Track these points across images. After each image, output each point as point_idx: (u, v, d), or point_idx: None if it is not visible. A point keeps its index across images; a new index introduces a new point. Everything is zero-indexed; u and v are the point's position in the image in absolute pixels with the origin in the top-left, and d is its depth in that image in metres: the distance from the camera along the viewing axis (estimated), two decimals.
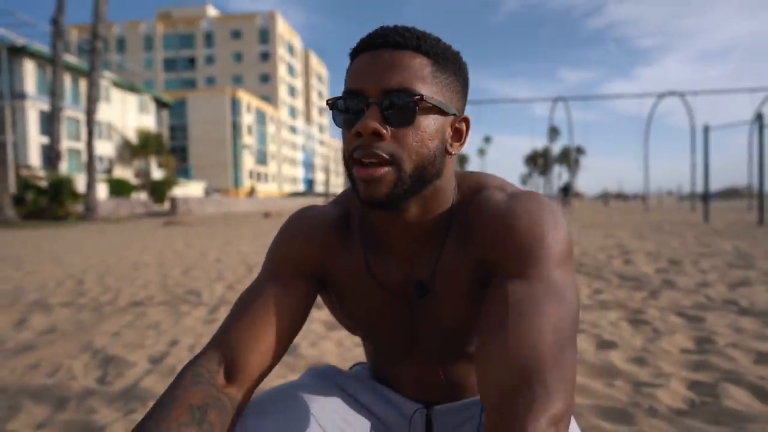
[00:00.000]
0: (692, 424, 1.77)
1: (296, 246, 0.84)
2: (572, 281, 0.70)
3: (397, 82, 0.68)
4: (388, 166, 0.69)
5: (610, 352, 2.58)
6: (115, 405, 2.04)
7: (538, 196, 0.75)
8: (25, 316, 3.64)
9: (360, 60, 0.72)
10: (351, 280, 0.84)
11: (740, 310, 3.41)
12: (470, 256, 0.77)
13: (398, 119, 0.69)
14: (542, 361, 0.61)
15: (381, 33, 0.72)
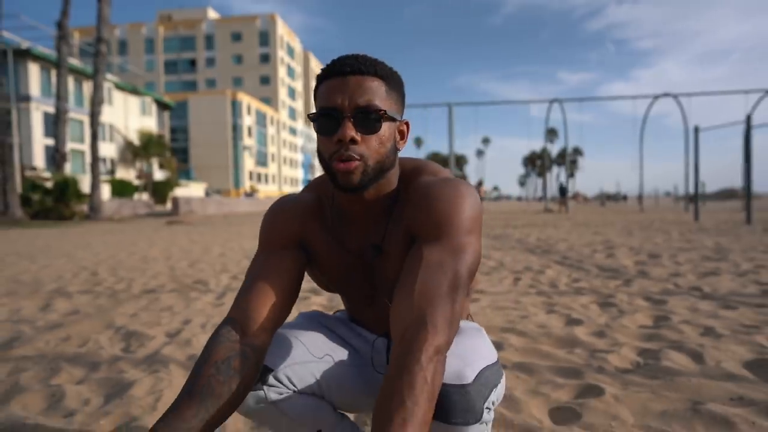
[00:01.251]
0: (632, 378, 2.09)
1: (280, 224, 1.13)
2: (474, 246, 0.99)
3: (364, 100, 0.96)
4: (358, 161, 0.98)
5: (576, 327, 2.91)
6: (140, 367, 2.36)
7: (457, 182, 1.04)
8: (49, 301, 3.97)
9: (331, 83, 0.97)
10: (325, 248, 1.14)
11: (702, 295, 3.73)
12: (405, 226, 1.07)
13: (366, 128, 0.98)
14: (434, 307, 0.89)
15: (347, 62, 0.99)
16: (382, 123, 0.98)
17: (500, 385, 1.03)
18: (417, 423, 0.77)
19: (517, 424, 1.70)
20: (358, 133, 0.96)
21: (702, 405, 1.79)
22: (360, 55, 1.01)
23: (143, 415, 1.81)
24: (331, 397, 1.18)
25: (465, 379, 0.93)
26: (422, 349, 0.83)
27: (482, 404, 0.94)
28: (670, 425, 1.68)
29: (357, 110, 0.96)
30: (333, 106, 0.96)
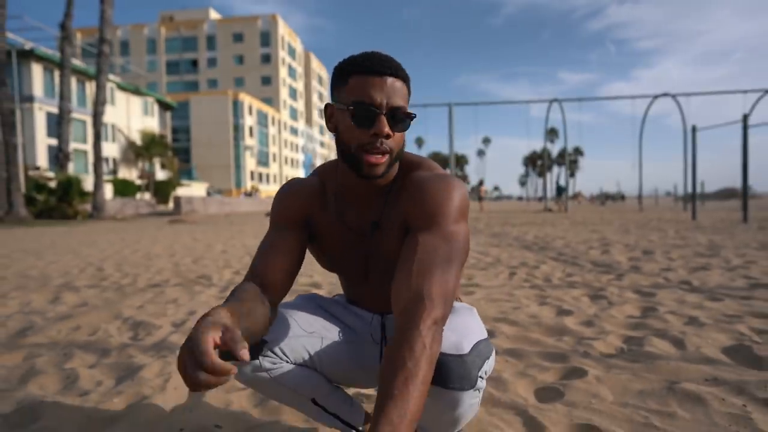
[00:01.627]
0: (614, 362, 2.21)
1: (288, 205, 1.26)
2: (463, 233, 1.12)
3: (398, 102, 1.09)
4: (386, 155, 1.11)
5: (566, 317, 3.03)
6: (148, 353, 2.49)
7: (448, 177, 1.18)
8: (57, 295, 4.09)
9: (370, 80, 1.08)
10: (327, 227, 1.27)
11: (690, 288, 3.84)
12: (400, 212, 1.19)
13: (397, 127, 1.11)
14: (431, 284, 1.02)
15: (384, 63, 1.09)
16: (408, 123, 1.13)
17: (491, 358, 1.14)
18: (418, 382, 0.89)
19: (503, 401, 1.82)
20: (391, 130, 1.09)
21: (677, 384, 1.90)
22: (386, 56, 1.13)
23: (154, 395, 1.93)
24: (324, 369, 1.30)
25: (462, 350, 1.04)
26: (421, 320, 0.96)
27: (477, 372, 1.06)
28: (646, 402, 1.80)
29: (392, 110, 1.08)
30: (372, 103, 1.07)
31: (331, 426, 1.39)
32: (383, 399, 0.88)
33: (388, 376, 0.90)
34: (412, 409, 0.87)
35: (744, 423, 1.61)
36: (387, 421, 0.84)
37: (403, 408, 0.86)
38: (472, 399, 1.08)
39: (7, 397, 1.94)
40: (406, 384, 0.88)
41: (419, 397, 0.89)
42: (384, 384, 0.90)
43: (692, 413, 1.70)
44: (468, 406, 1.08)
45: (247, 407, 1.83)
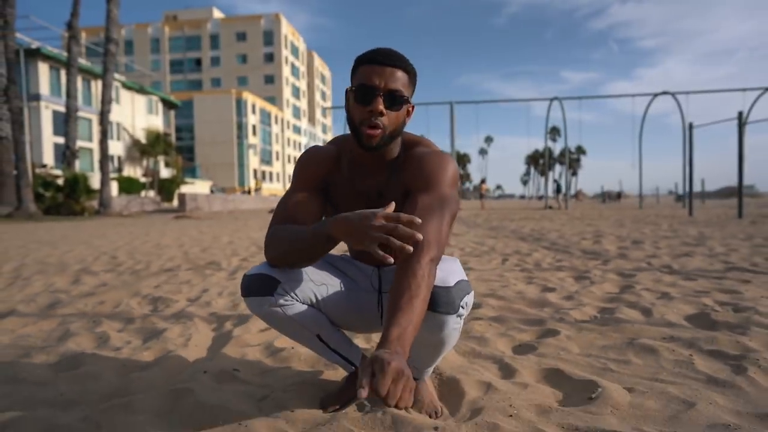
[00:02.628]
0: (586, 326, 2.48)
1: (309, 169, 1.54)
2: (454, 196, 1.40)
3: (395, 86, 1.34)
4: (380, 130, 1.39)
5: (549, 293, 3.29)
6: (169, 321, 2.76)
7: (444, 153, 1.46)
8: (77, 278, 4.37)
9: (372, 68, 1.33)
10: (340, 190, 1.55)
11: (670, 271, 4.10)
12: (401, 182, 1.48)
13: (391, 106, 1.37)
14: (428, 232, 1.30)
15: (386, 54, 1.37)
16: (403, 105, 1.38)
17: (470, 294, 1.42)
18: (419, 300, 1.18)
19: (484, 354, 2.09)
20: (385, 108, 1.35)
21: (636, 340, 2.17)
22: (393, 50, 1.40)
23: (177, 350, 2.20)
24: (329, 311, 1.57)
25: (448, 283, 1.33)
26: (421, 257, 1.24)
27: (459, 302, 1.34)
28: (607, 354, 2.07)
29: (388, 92, 1.35)
30: (371, 85, 1.33)
31: (333, 361, 1.65)
32: (393, 310, 1.15)
33: (396, 296, 1.18)
34: (414, 318, 1.15)
35: (686, 366, 1.87)
36: (396, 324, 1.12)
37: (408, 316, 1.14)
38: (455, 324, 1.35)
39: (51, 351, 2.22)
40: (410, 300, 1.16)
41: (420, 311, 1.17)
42: (393, 301, 1.18)
43: (644, 360, 1.97)
44: (451, 329, 1.36)
45: (260, 357, 2.11)
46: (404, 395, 1.01)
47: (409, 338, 1.12)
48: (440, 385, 1.74)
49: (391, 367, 0.99)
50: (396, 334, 1.10)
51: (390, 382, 0.98)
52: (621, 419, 1.46)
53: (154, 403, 1.62)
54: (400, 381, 1.00)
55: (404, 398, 1.01)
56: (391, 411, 1.50)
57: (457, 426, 1.40)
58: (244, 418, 1.47)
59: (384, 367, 0.99)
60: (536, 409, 1.53)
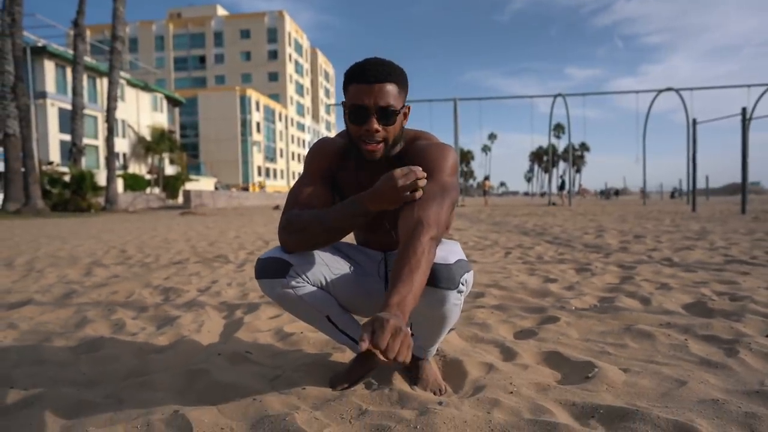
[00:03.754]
0: (585, 313, 2.56)
1: (317, 160, 1.63)
2: (454, 183, 1.49)
3: (385, 102, 1.42)
4: (380, 144, 1.47)
5: (551, 284, 3.37)
6: (180, 309, 2.85)
7: (444, 144, 1.55)
8: (89, 270, 4.47)
9: (360, 87, 1.40)
10: (347, 181, 1.63)
11: (670, 263, 4.17)
12: None
13: (386, 122, 1.45)
14: (429, 214, 1.38)
15: (372, 71, 1.43)
16: (397, 117, 1.46)
17: (470, 272, 1.50)
18: (419, 272, 1.25)
19: (486, 339, 2.17)
20: (380, 125, 1.43)
21: (634, 326, 2.25)
22: (380, 62, 1.46)
23: (191, 335, 2.29)
24: (338, 294, 1.65)
25: (448, 261, 1.41)
26: (422, 235, 1.32)
27: (459, 278, 1.42)
28: (605, 338, 2.15)
29: (379, 109, 1.42)
30: (362, 105, 1.41)
31: (341, 342, 1.73)
32: (394, 281, 1.23)
33: (397, 268, 1.26)
34: (414, 289, 1.23)
35: (681, 349, 1.95)
36: (396, 292, 1.20)
37: (408, 286, 1.22)
38: (456, 300, 1.44)
39: (70, 336, 2.31)
40: (410, 272, 1.24)
41: (419, 283, 1.25)
42: (394, 273, 1.26)
43: (641, 344, 2.04)
44: (452, 305, 1.44)
45: (271, 341, 2.19)
46: (402, 350, 1.08)
47: (409, 306, 1.20)
48: (444, 366, 1.82)
49: (390, 324, 1.07)
50: (396, 301, 1.18)
51: (388, 337, 1.06)
52: (616, 396, 1.53)
53: (172, 381, 1.71)
54: (398, 336, 1.08)
55: (402, 352, 1.08)
56: (398, 387, 1.58)
57: (460, 401, 1.48)
58: (258, 394, 1.56)
59: (383, 324, 1.07)
60: (536, 387, 1.61)
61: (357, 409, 1.45)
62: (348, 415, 1.42)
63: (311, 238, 1.49)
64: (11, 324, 2.54)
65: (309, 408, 1.47)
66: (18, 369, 1.86)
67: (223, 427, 1.37)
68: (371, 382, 1.65)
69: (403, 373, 1.70)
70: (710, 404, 1.43)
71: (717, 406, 1.41)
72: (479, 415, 1.38)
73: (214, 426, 1.37)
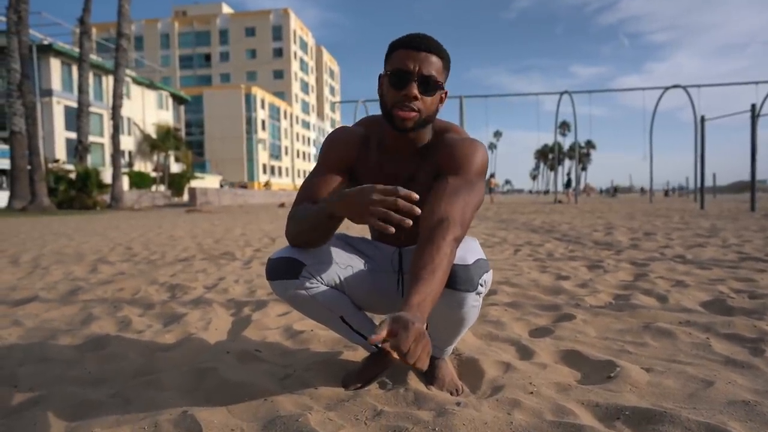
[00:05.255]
0: (602, 311, 2.49)
1: (334, 149, 1.56)
2: (480, 185, 1.43)
3: (429, 71, 1.35)
4: (415, 113, 1.40)
5: (563, 281, 3.30)
6: (187, 306, 2.81)
7: (476, 141, 1.48)
8: (95, 267, 4.44)
9: (407, 53, 1.33)
10: (367, 172, 1.56)
11: (683, 261, 4.09)
12: (433, 166, 1.49)
13: (426, 92, 1.38)
14: (454, 212, 1.33)
15: (422, 40, 1.38)
16: (437, 90, 1.39)
17: (489, 272, 1.44)
18: (440, 272, 1.20)
19: (501, 337, 2.11)
20: (420, 93, 1.36)
21: (653, 324, 2.19)
22: (430, 36, 1.41)
23: (198, 332, 2.24)
24: (351, 293, 1.59)
25: (467, 261, 1.35)
26: (446, 234, 1.27)
27: (478, 279, 1.36)
28: (624, 337, 2.09)
29: (422, 77, 1.35)
30: (406, 69, 1.34)
31: (354, 342, 1.68)
32: (415, 280, 1.18)
33: (418, 267, 1.20)
34: (434, 289, 1.17)
35: (703, 348, 1.89)
36: (417, 292, 1.14)
37: (429, 287, 1.16)
38: (474, 301, 1.38)
39: (76, 334, 2.27)
40: (432, 272, 1.18)
41: (439, 284, 1.19)
42: (414, 272, 1.20)
43: (661, 343, 1.98)
44: (470, 307, 1.38)
45: (280, 340, 2.14)
46: (422, 356, 1.03)
47: (428, 307, 1.14)
48: (459, 365, 1.77)
49: (414, 328, 1.01)
50: (417, 301, 1.12)
51: (411, 341, 1.01)
52: (640, 396, 1.47)
53: (180, 380, 1.66)
54: (420, 342, 1.02)
55: (422, 359, 1.03)
56: (414, 387, 1.53)
57: (478, 402, 1.43)
58: (269, 394, 1.51)
59: (407, 326, 1.01)
60: (556, 387, 1.55)
61: (372, 409, 1.40)
62: (363, 416, 1.37)
63: (304, 236, 1.44)
64: (16, 321, 2.50)
65: (322, 408, 1.42)
66: (23, 367, 1.82)
67: (233, 428, 1.32)
68: (385, 382, 1.60)
69: (419, 373, 1.64)
70: (741, 406, 1.37)
71: (748, 408, 1.35)
72: (499, 416, 1.33)
73: (224, 427, 1.32)
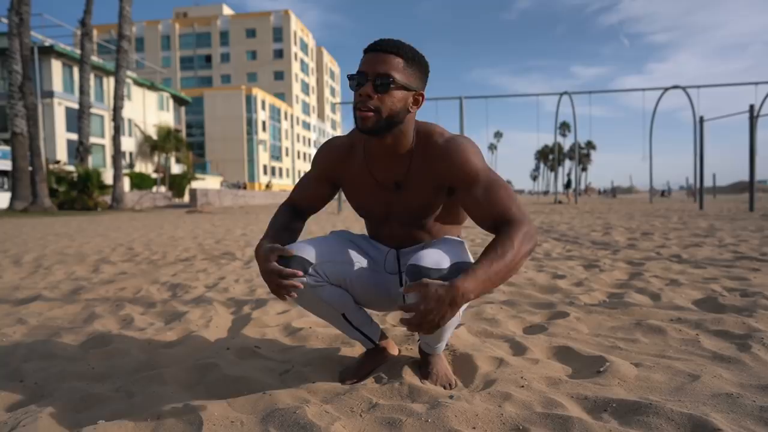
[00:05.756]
0: (595, 308, 2.54)
1: (321, 158, 1.62)
2: (493, 173, 1.48)
3: (383, 70, 1.36)
4: (371, 113, 1.44)
5: (559, 280, 3.34)
6: (188, 305, 2.85)
7: (462, 137, 1.51)
8: (97, 267, 4.49)
9: (364, 56, 1.39)
10: (355, 178, 1.61)
11: (679, 260, 4.14)
12: (430, 173, 1.51)
13: (380, 90, 1.41)
14: (508, 210, 1.41)
15: (379, 43, 1.42)
16: (393, 88, 1.37)
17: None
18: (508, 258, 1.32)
19: (496, 334, 2.16)
20: (374, 93, 1.38)
21: (645, 321, 2.23)
22: (393, 39, 1.43)
23: (199, 330, 2.29)
24: (353, 291, 1.63)
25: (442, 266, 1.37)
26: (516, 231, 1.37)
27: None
28: (615, 334, 2.13)
29: (376, 76, 1.38)
30: (361, 71, 1.38)
31: (354, 338, 1.72)
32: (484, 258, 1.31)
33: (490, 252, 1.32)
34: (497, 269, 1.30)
35: (692, 344, 1.93)
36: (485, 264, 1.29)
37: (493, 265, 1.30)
38: None
39: (79, 331, 2.31)
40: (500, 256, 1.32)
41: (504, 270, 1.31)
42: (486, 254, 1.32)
43: (652, 339, 2.03)
44: None
45: (279, 336, 2.19)
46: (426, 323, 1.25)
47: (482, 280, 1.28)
48: (454, 360, 1.81)
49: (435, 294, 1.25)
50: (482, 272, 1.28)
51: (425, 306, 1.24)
52: (628, 390, 1.52)
53: (181, 375, 1.71)
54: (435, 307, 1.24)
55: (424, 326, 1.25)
56: (408, 381, 1.57)
57: (471, 395, 1.47)
58: (268, 388, 1.55)
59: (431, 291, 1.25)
60: (547, 381, 1.60)
61: (367, 402, 1.45)
62: (358, 409, 1.42)
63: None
64: (20, 319, 2.55)
65: (319, 402, 1.47)
66: (28, 363, 1.87)
67: (233, 420, 1.36)
68: (381, 377, 1.65)
69: (413, 368, 1.69)
70: (724, 398, 1.41)
71: (731, 400, 1.39)
72: (491, 408, 1.37)
73: (224, 419, 1.36)
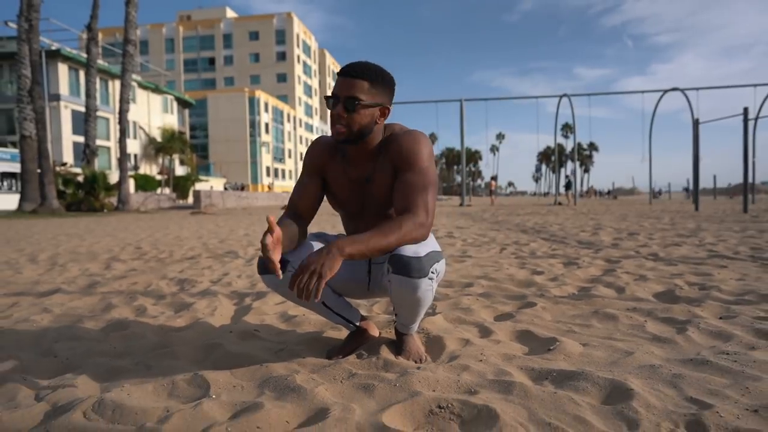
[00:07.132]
0: (562, 300, 2.81)
1: (309, 157, 1.90)
2: (432, 169, 1.75)
3: (350, 93, 1.68)
4: (343, 129, 1.72)
5: (537, 276, 3.61)
6: (195, 297, 3.14)
7: (415, 132, 1.79)
8: (108, 264, 4.78)
9: (337, 80, 1.71)
10: (337, 177, 1.89)
11: (655, 258, 4.40)
12: (389, 162, 1.81)
13: (349, 109, 1.71)
14: (416, 201, 1.66)
15: (347, 68, 1.71)
16: (359, 108, 1.69)
17: (441, 261, 1.74)
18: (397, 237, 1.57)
19: (468, 320, 2.43)
20: (345, 112, 1.68)
21: (602, 310, 2.50)
22: (361, 62, 1.71)
23: (206, 317, 2.57)
24: (330, 282, 1.90)
25: (420, 254, 1.65)
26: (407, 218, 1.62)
27: (429, 268, 1.66)
28: (573, 320, 2.40)
29: (345, 98, 1.67)
30: (333, 94, 1.69)
31: (336, 322, 2.00)
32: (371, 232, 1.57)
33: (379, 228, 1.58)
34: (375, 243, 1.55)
35: (638, 328, 2.20)
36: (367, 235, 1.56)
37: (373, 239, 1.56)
38: (428, 286, 1.69)
39: (98, 318, 2.60)
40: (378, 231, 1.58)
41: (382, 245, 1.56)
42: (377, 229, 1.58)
43: (604, 325, 2.30)
44: (424, 291, 1.69)
45: (276, 322, 2.47)
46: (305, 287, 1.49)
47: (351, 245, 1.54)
48: (427, 341, 2.09)
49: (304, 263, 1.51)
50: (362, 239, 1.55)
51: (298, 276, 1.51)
52: (570, 363, 1.79)
53: (191, 352, 1.99)
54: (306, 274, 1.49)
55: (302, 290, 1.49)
56: (384, 356, 1.85)
57: (435, 367, 1.75)
58: (265, 362, 1.83)
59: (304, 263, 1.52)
60: (503, 357, 1.87)
61: (348, 372, 1.72)
62: (340, 377, 1.69)
63: None
64: (45, 309, 2.84)
65: (307, 372, 1.74)
66: (58, 344, 2.15)
67: (235, 385, 1.64)
68: (362, 353, 1.92)
69: (390, 346, 1.96)
70: (647, 368, 1.68)
71: (652, 370, 1.66)
72: (450, 376, 1.64)
73: (228, 384, 1.64)
